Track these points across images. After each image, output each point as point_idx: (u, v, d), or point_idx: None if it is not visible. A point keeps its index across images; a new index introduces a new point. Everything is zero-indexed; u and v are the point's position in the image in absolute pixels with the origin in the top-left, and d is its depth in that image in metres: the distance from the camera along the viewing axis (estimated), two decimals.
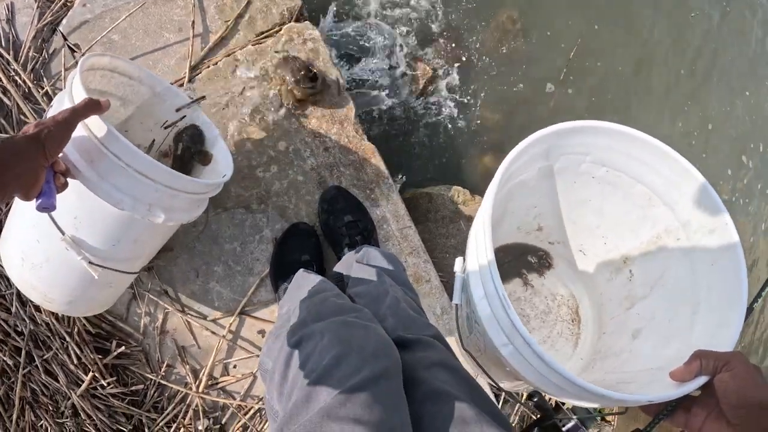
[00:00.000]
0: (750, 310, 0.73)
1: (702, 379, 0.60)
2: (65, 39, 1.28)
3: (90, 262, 0.86)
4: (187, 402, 1.18)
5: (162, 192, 0.82)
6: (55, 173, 0.68)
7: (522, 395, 1.17)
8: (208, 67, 1.29)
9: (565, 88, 1.78)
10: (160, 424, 1.17)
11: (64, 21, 1.30)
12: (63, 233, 0.83)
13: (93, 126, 0.75)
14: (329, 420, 0.52)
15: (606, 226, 1.07)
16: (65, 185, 0.70)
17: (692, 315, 0.84)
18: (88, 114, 0.72)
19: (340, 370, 0.58)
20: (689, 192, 0.85)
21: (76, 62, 1.26)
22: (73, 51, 1.28)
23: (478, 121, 1.72)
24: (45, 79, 1.26)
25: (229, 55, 1.30)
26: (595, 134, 0.88)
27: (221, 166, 1.07)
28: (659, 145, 0.85)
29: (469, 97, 1.72)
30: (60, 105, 0.81)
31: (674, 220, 0.91)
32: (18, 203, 0.92)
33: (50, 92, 1.25)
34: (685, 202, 0.87)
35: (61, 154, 0.70)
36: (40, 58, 1.27)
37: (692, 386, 0.61)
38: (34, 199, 0.64)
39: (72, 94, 0.79)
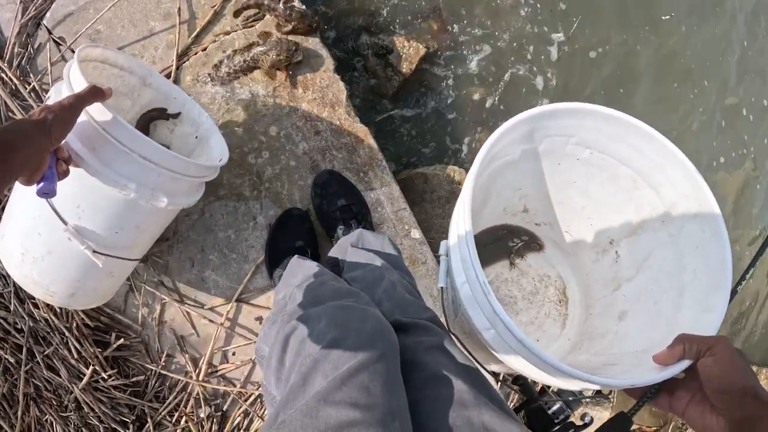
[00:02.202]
0: (734, 292, 0.72)
1: (685, 363, 0.60)
2: (50, 33, 1.27)
3: (93, 251, 0.86)
4: (188, 391, 1.18)
5: (164, 176, 0.83)
6: (57, 160, 0.69)
7: (508, 378, 1.17)
8: (196, 53, 1.27)
9: (562, 66, 1.75)
10: (163, 414, 1.17)
11: (47, 14, 1.28)
12: (66, 223, 0.83)
13: (95, 113, 0.76)
14: (325, 404, 0.51)
15: (592, 208, 1.06)
16: (66, 172, 0.71)
17: (677, 298, 0.84)
18: (92, 101, 0.73)
19: (337, 354, 0.57)
20: (674, 175, 0.85)
21: (62, 56, 1.25)
22: (58, 45, 1.27)
23: (473, 99, 1.70)
24: (31, 75, 1.25)
25: (215, 41, 1.28)
26: (578, 116, 0.86)
27: (216, 153, 1.08)
28: (644, 128, 0.84)
29: (462, 75, 1.70)
30: (58, 95, 0.82)
31: (659, 203, 0.90)
32: (18, 197, 0.91)
33: (37, 88, 1.23)
34: (670, 184, 0.86)
35: (63, 141, 0.71)
36: (26, 54, 1.26)
37: (675, 370, 0.61)
38: (35, 185, 0.65)
39: (71, 82, 0.79)
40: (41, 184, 0.65)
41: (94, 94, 0.73)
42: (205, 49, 1.28)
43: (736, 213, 1.90)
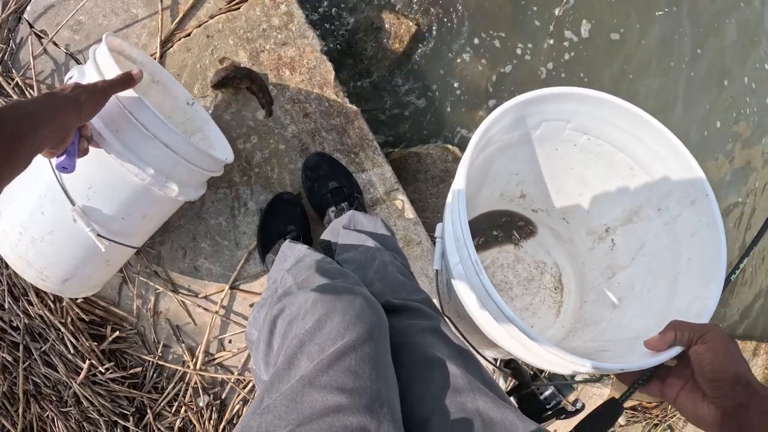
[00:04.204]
0: (728, 281, 0.73)
1: (676, 350, 0.59)
2: (31, 26, 1.25)
3: (98, 235, 0.86)
4: (186, 380, 1.18)
5: (181, 165, 0.85)
6: (80, 137, 0.71)
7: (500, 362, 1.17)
8: (179, 39, 1.25)
9: (556, 41, 1.71)
10: (162, 404, 1.17)
11: (28, 8, 1.26)
12: (74, 203, 0.83)
13: (123, 95, 0.77)
14: (311, 388, 0.50)
15: (589, 195, 1.05)
16: (86, 151, 0.73)
17: (672, 286, 0.83)
18: (124, 87, 0.76)
19: (323, 335, 0.55)
20: (671, 162, 0.84)
21: (44, 49, 1.23)
22: (40, 38, 1.25)
23: (467, 77, 1.66)
24: (14, 71, 1.23)
25: (200, 26, 1.26)
26: (573, 101, 0.85)
27: (218, 153, 1.08)
28: (642, 115, 0.83)
29: (455, 53, 1.66)
30: (81, 77, 0.83)
31: (656, 190, 0.90)
32: (24, 175, 0.90)
33: (20, 83, 1.21)
34: (666, 172, 0.86)
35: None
36: (7, 50, 1.24)
37: (666, 356, 0.60)
38: (55, 158, 0.68)
39: (100, 67, 0.81)
40: (62, 158, 0.67)
41: (127, 81, 0.75)
42: (188, 35, 1.25)
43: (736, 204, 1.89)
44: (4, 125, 0.54)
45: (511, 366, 0.83)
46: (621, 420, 1.77)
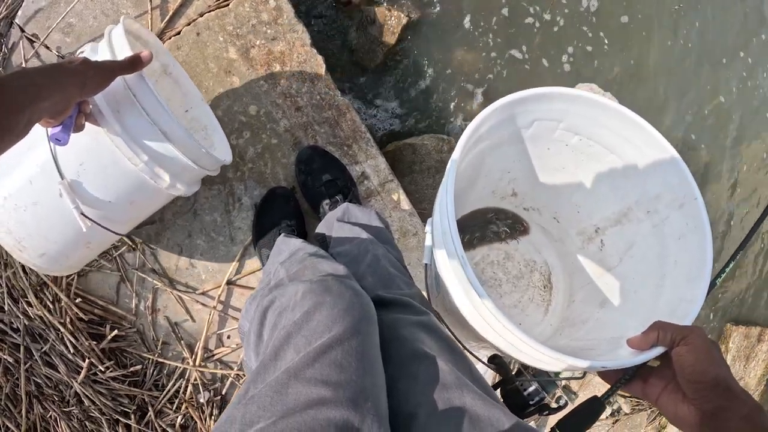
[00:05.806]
0: (713, 284, 0.73)
1: (658, 350, 0.60)
2: (22, 31, 1.25)
3: (81, 213, 0.84)
4: (186, 377, 1.18)
5: (176, 158, 0.84)
6: (79, 112, 0.71)
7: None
8: (170, 38, 1.25)
9: (551, 30, 1.70)
10: (163, 401, 1.17)
11: (19, 12, 1.27)
12: (62, 177, 0.82)
13: (130, 76, 0.77)
14: (296, 381, 0.49)
15: (580, 195, 1.05)
16: (82, 127, 0.73)
17: (658, 288, 0.84)
18: (132, 70, 0.75)
19: (310, 327, 0.55)
20: (661, 165, 0.84)
21: (36, 52, 1.24)
22: (31, 42, 1.26)
23: (460, 68, 1.66)
24: None
25: (189, 24, 1.26)
26: (565, 101, 0.85)
27: (219, 153, 1.08)
28: (631, 116, 0.83)
29: (448, 44, 1.66)
30: (94, 54, 0.83)
31: (645, 193, 0.90)
32: (23, 142, 0.90)
33: None
34: (656, 175, 0.86)
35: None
36: (0, 55, 1.25)
37: (648, 356, 0.60)
38: (50, 129, 0.68)
39: (113, 45, 0.81)
40: (57, 130, 0.67)
41: (135, 64, 0.75)
42: (178, 33, 1.25)
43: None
44: (7, 93, 0.55)
45: (496, 361, 0.82)
46: (626, 408, 1.76)
